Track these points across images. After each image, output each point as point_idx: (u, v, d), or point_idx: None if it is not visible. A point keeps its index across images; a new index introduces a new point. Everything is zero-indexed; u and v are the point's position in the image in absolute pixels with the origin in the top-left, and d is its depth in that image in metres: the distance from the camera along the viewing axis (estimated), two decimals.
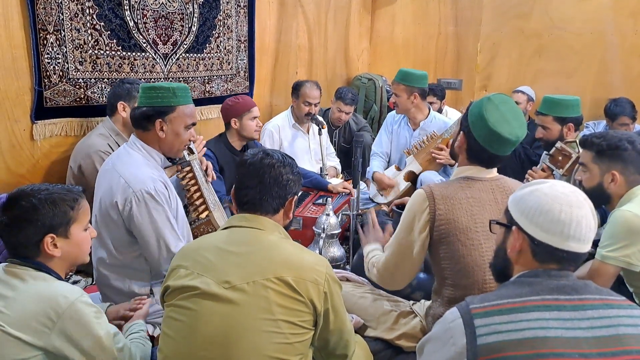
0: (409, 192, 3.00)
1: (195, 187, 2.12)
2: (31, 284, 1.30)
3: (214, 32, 3.33)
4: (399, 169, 3.36)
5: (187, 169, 2.13)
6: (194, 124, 1.98)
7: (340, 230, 2.43)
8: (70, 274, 2.31)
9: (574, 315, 1.05)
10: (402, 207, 1.91)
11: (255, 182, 1.41)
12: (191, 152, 2.20)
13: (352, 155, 2.81)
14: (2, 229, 1.34)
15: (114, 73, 2.71)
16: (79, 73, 2.54)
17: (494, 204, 1.61)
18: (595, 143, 1.91)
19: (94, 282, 2.10)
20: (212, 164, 2.48)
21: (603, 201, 1.93)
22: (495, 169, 1.70)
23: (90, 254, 1.51)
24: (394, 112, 3.50)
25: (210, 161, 2.48)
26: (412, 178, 3.19)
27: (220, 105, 3.42)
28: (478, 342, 1.02)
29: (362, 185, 3.54)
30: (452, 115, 4.03)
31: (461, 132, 1.69)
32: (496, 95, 1.65)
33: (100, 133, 2.44)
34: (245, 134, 2.90)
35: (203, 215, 2.09)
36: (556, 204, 1.11)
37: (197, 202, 2.10)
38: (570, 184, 1.20)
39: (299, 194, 1.54)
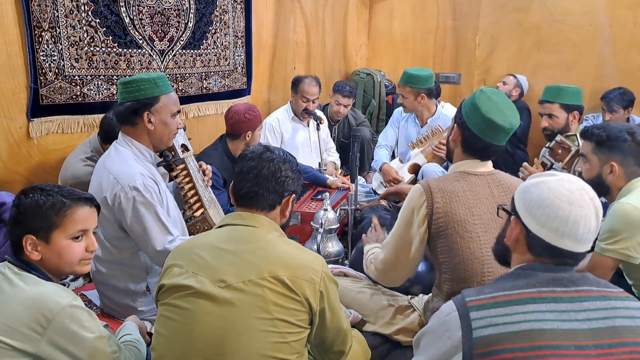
0: (413, 184, 3.03)
1: (190, 185, 2.10)
2: (22, 287, 1.25)
3: (210, 28, 3.31)
4: (402, 161, 3.37)
5: (181, 166, 2.11)
6: (179, 112, 1.98)
7: (338, 225, 2.43)
8: None
9: (570, 307, 1.04)
10: (400, 202, 1.91)
11: (253, 175, 1.38)
12: (186, 149, 2.18)
13: (350, 150, 2.80)
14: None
15: (110, 70, 2.70)
16: (74, 70, 2.54)
17: (490, 198, 1.61)
18: (595, 134, 1.91)
19: (91, 280, 2.09)
20: (216, 180, 2.49)
21: (602, 192, 1.92)
22: (490, 163, 1.72)
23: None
24: (400, 108, 3.50)
25: (214, 178, 2.45)
26: (416, 170, 3.21)
27: (218, 101, 3.43)
28: (474, 335, 1.01)
29: (361, 179, 3.54)
30: (448, 110, 4.02)
31: (455, 125, 1.71)
32: (488, 88, 1.69)
33: (85, 157, 2.39)
34: (252, 144, 2.85)
35: (198, 213, 2.07)
36: (557, 199, 1.09)
37: (192, 200, 2.08)
38: (582, 180, 1.16)
39: (298, 193, 1.51)
